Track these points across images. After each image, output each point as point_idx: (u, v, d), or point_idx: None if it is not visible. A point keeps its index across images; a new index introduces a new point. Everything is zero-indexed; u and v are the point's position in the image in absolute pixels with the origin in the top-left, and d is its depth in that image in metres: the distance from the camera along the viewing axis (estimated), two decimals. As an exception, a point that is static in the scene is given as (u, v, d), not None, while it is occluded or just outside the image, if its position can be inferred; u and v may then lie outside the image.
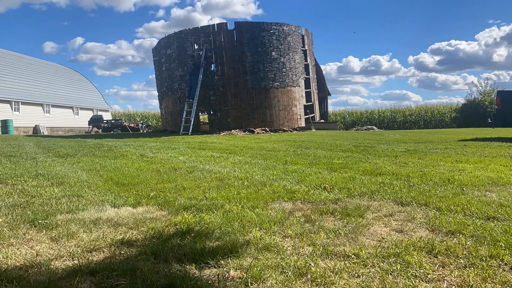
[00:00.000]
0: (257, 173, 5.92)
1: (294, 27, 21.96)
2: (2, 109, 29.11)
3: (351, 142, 12.28)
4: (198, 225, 3.23)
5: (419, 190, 4.44)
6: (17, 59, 35.99)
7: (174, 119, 22.36)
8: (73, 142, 13.71)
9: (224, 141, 13.55)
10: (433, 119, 40.69)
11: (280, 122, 21.18)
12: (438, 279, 2.23)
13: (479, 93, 39.02)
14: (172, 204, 3.95)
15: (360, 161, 7.32)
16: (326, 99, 28.51)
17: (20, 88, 31.99)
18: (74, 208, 3.86)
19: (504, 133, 16.20)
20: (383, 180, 5.15)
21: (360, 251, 2.61)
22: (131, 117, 45.51)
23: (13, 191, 4.77)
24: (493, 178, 5.15)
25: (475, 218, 3.32)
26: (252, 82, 20.54)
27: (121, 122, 34.06)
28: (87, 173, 6.20)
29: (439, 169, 6.02)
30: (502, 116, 13.67)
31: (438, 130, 25.74)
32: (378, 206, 3.82)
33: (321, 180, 5.23)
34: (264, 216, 3.46)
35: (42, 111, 33.62)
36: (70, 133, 33.04)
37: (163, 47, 22.80)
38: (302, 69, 22.53)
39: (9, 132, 26.89)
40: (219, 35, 20.66)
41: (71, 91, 39.34)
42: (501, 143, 10.78)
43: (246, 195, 4.34)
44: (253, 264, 2.41)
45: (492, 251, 2.56)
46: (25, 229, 3.22)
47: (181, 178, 5.66)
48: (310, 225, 3.24)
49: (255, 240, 2.86)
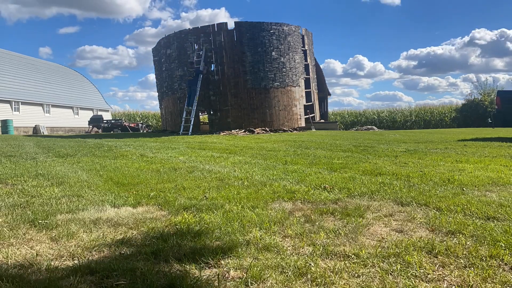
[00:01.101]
0: (257, 173, 5.92)
1: (294, 27, 21.96)
2: (2, 109, 29.11)
3: (351, 142, 12.28)
4: (198, 225, 3.23)
5: (419, 190, 4.44)
6: (17, 59, 35.98)
7: (174, 119, 22.37)
8: (73, 142, 13.71)
9: (224, 141, 13.55)
10: (433, 119, 40.70)
11: (280, 122, 21.19)
12: (438, 279, 2.23)
13: (479, 93, 39.06)
14: (172, 204, 3.95)
15: (360, 161, 7.32)
16: (326, 99, 28.51)
17: (20, 88, 31.99)
18: (74, 208, 3.86)
19: (504, 133, 16.20)
20: (383, 180, 5.15)
21: (360, 251, 2.61)
22: (131, 117, 45.52)
23: (13, 191, 4.77)
24: (493, 178, 5.15)
25: (475, 218, 3.32)
26: (252, 82, 20.54)
27: (121, 122, 34.06)
28: (87, 173, 6.20)
29: (439, 169, 6.02)
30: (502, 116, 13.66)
31: (438, 130, 25.75)
32: (378, 206, 3.82)
33: (321, 180, 5.23)
34: (264, 216, 3.46)
35: (42, 111, 33.62)
36: (70, 133, 33.04)
37: (163, 47, 22.80)
38: (302, 69, 22.54)
39: (9, 132, 26.89)
40: (219, 35, 20.66)
41: (71, 91, 39.34)
42: (501, 143, 10.78)
43: (246, 195, 4.34)
44: (253, 264, 2.41)
45: (492, 251, 2.56)
46: (25, 229, 3.22)
47: (181, 178, 5.66)
48: (310, 225, 3.24)
49: (255, 240, 2.85)
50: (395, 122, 40.80)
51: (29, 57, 39.29)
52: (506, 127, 15.30)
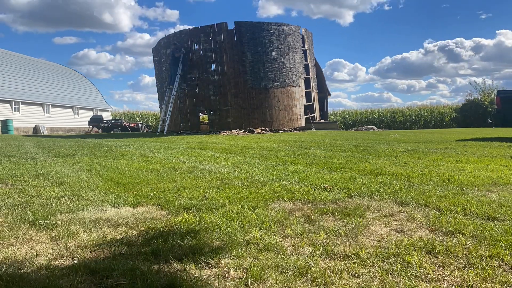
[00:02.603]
0: (257, 173, 5.92)
1: (294, 27, 21.96)
2: (2, 109, 29.12)
3: (351, 142, 12.28)
4: (198, 225, 3.23)
5: (419, 190, 4.44)
6: (18, 59, 35.99)
7: (174, 118, 22.35)
8: (73, 142, 13.71)
9: (224, 141, 13.55)
10: (433, 119, 40.72)
11: (280, 122, 21.18)
12: (438, 279, 2.23)
13: (479, 93, 39.06)
14: (172, 204, 3.95)
15: (360, 161, 7.32)
16: (326, 99, 28.50)
17: (20, 88, 31.99)
18: (74, 208, 3.86)
19: (504, 133, 16.20)
20: (383, 180, 5.15)
21: (360, 251, 2.61)
22: (131, 117, 45.53)
23: (13, 191, 4.77)
24: (493, 178, 5.15)
25: (475, 218, 3.32)
26: (252, 82, 20.53)
27: (121, 122, 34.07)
28: (87, 173, 6.20)
29: (439, 169, 6.02)
30: (502, 116, 13.65)
31: (438, 130, 25.74)
32: (378, 206, 3.82)
33: (321, 180, 5.23)
34: (264, 216, 3.46)
35: (42, 111, 33.62)
36: (70, 133, 33.04)
37: (163, 47, 22.79)
38: (302, 69, 22.53)
39: (9, 132, 26.89)
40: (219, 35, 20.65)
41: (71, 91, 39.34)
42: (501, 143, 10.78)
43: (246, 195, 4.34)
44: (253, 264, 2.41)
45: (492, 251, 2.56)
46: (25, 229, 3.22)
47: (181, 178, 5.66)
48: (310, 225, 3.24)
49: (255, 240, 2.86)
50: (395, 122, 40.82)
51: (29, 57, 39.31)
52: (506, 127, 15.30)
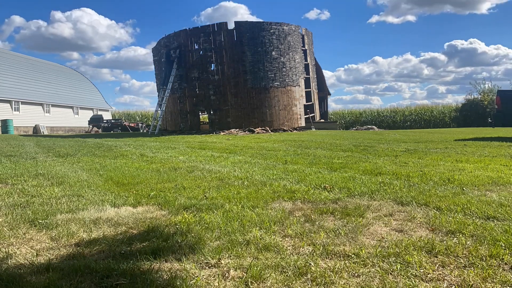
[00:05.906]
0: (257, 173, 5.92)
1: (294, 27, 21.95)
2: (2, 109, 29.12)
3: (351, 141, 12.27)
4: (198, 225, 3.23)
5: (419, 190, 4.44)
6: (18, 59, 35.99)
7: (174, 118, 22.37)
8: (73, 141, 13.72)
9: (224, 141, 13.55)
10: (433, 118, 40.72)
11: (280, 121, 21.18)
12: (438, 278, 2.23)
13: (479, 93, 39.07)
14: (172, 204, 3.95)
15: (360, 160, 7.31)
16: (326, 99, 28.52)
17: (20, 88, 31.99)
18: (74, 208, 3.86)
19: (504, 133, 16.19)
20: (383, 179, 5.15)
21: (360, 251, 2.61)
22: (131, 117, 45.54)
23: (13, 190, 4.77)
24: (493, 177, 5.14)
25: (475, 218, 3.32)
26: (252, 81, 20.53)
27: (121, 122, 34.08)
28: (87, 173, 6.20)
29: (439, 169, 6.02)
30: (502, 116, 13.65)
31: (438, 130, 25.73)
32: (378, 205, 3.81)
33: (321, 179, 5.22)
34: (264, 216, 3.46)
35: (42, 111, 33.62)
36: (70, 132, 33.05)
37: (163, 47, 22.78)
38: (302, 68, 22.53)
39: (9, 132, 26.90)
40: (219, 34, 20.65)
41: (71, 91, 39.34)
42: (501, 143, 10.78)
43: (246, 195, 4.34)
44: (253, 264, 2.41)
45: (492, 250, 2.56)
46: (25, 228, 3.22)
47: (181, 177, 5.66)
48: (310, 225, 3.24)
49: (255, 239, 2.85)
50: (395, 121, 40.82)
51: (29, 57, 39.31)
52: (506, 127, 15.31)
